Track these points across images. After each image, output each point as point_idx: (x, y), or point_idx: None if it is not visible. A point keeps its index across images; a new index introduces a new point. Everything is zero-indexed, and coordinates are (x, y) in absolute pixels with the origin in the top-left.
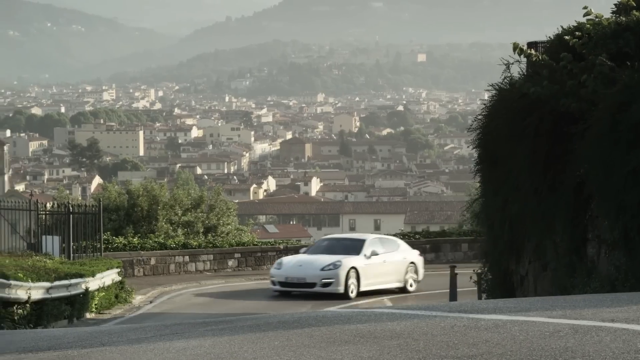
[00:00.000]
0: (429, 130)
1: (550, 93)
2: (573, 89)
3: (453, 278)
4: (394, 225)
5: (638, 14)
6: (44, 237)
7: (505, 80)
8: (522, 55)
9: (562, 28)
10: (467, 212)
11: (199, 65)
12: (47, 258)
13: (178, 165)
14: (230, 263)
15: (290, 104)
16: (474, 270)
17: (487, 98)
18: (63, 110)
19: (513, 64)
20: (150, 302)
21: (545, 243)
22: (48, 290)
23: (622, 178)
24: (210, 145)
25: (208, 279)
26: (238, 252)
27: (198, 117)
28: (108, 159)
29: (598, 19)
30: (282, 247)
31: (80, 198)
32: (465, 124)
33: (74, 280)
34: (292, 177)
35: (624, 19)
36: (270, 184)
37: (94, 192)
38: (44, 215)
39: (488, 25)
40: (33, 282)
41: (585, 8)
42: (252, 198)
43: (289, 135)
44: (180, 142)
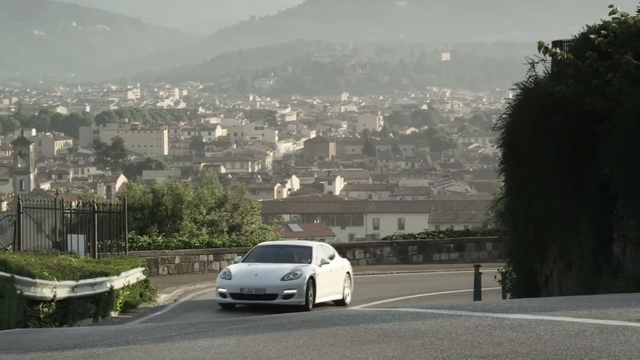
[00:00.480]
0: (453, 130)
1: (576, 92)
2: (598, 88)
3: (477, 277)
4: (418, 225)
5: None
6: (69, 235)
7: (530, 79)
8: (547, 54)
9: (587, 27)
10: (491, 211)
11: (223, 65)
12: (72, 257)
13: (202, 165)
14: None
15: (314, 103)
16: (499, 270)
17: (511, 97)
18: (88, 110)
19: (538, 63)
20: (175, 300)
21: (570, 242)
22: (73, 289)
23: None
24: (235, 145)
25: None
26: None
27: (222, 116)
28: (133, 158)
29: (624, 18)
30: None
31: (105, 197)
32: (490, 123)
33: (99, 279)
34: (316, 176)
35: None
36: (294, 183)
37: (119, 191)
38: (69, 214)
39: (512, 24)
40: (58, 280)
41: (611, 7)
42: (276, 197)
43: (313, 135)
44: (205, 141)
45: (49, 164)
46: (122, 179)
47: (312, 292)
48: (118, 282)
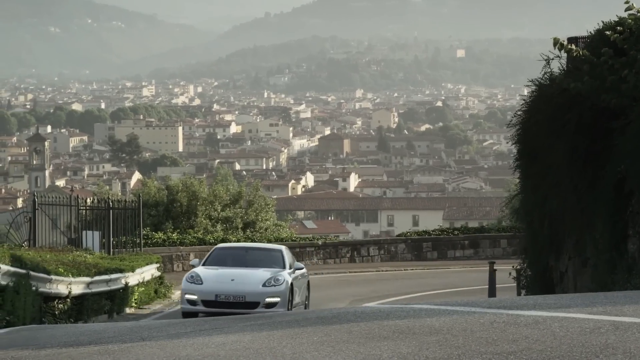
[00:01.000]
0: (468, 126)
1: (591, 88)
2: (614, 85)
3: (492, 274)
4: (433, 221)
5: None
6: (84, 232)
7: (545, 76)
8: (562, 51)
9: (603, 23)
10: (506, 208)
11: (238, 61)
12: (87, 253)
13: (217, 161)
14: None
15: (329, 100)
16: (513, 267)
17: (526, 94)
18: (103, 106)
19: (553, 60)
20: None
21: (585, 239)
22: (88, 285)
23: None
24: (249, 141)
25: None
26: None
27: (237, 112)
28: (147, 155)
29: None
30: (320, 242)
31: (120, 194)
32: (505, 120)
33: (114, 275)
34: (330, 172)
35: None
36: (309, 180)
37: (134, 187)
38: (84, 211)
39: (528, 21)
40: (73, 277)
41: (627, 3)
42: (290, 194)
43: (328, 131)
44: (219, 137)
45: (64, 161)
46: (137, 176)
47: (291, 301)
48: (133, 278)
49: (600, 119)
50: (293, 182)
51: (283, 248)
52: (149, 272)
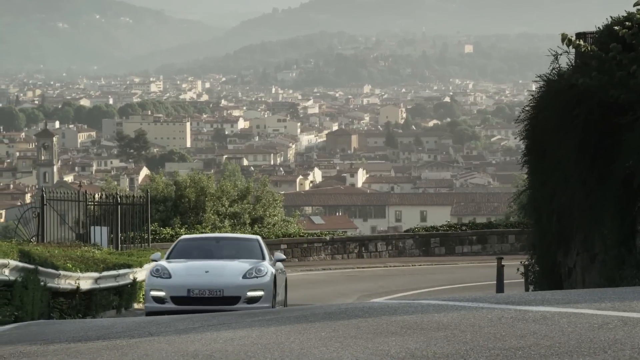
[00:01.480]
0: (476, 122)
1: (599, 84)
2: (622, 80)
3: (500, 270)
4: (440, 217)
5: None
6: (93, 227)
7: (554, 71)
8: (570, 46)
9: (611, 18)
10: (514, 203)
11: (246, 57)
12: (95, 248)
13: (225, 157)
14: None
15: (337, 96)
16: (521, 262)
17: (534, 89)
18: (111, 102)
19: (561, 55)
20: None
21: (594, 235)
22: (96, 281)
23: None
24: (257, 137)
25: None
26: (284, 243)
27: (244, 108)
28: (155, 150)
29: None
30: (328, 238)
31: (128, 189)
32: (512, 116)
33: (122, 271)
34: (338, 168)
35: None
36: (317, 175)
37: (142, 183)
38: (93, 206)
39: (536, 16)
40: (82, 272)
41: None
42: (298, 189)
43: (335, 127)
44: (227, 133)
45: (72, 156)
46: (144, 171)
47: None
48: (141, 274)
49: (609, 115)
50: (301, 177)
51: (259, 237)
52: None
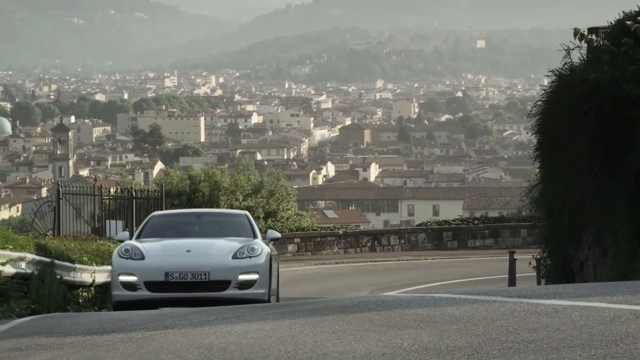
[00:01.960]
0: (488, 116)
1: (611, 78)
2: (634, 75)
3: (512, 263)
4: (453, 211)
5: None
6: (108, 221)
7: (566, 66)
8: (582, 41)
9: (623, 13)
10: (526, 197)
11: (260, 52)
12: (110, 242)
13: (238, 151)
14: (290, 248)
15: (350, 91)
16: (533, 256)
17: (546, 84)
18: (126, 97)
19: (573, 50)
20: None
21: (605, 229)
22: None
23: None
24: (270, 132)
25: None
26: (298, 237)
27: (258, 103)
28: (170, 145)
29: None
30: (341, 232)
31: (143, 183)
32: (524, 110)
33: None
34: (351, 162)
35: None
36: (330, 170)
37: (156, 177)
38: (108, 200)
39: (548, 11)
40: (97, 265)
41: None
42: (311, 184)
43: (348, 121)
44: (241, 128)
45: (88, 151)
46: (159, 166)
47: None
48: None
49: (621, 109)
50: (314, 172)
51: (247, 213)
52: None
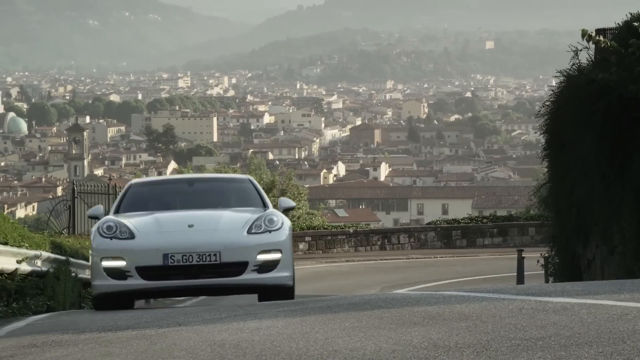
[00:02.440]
0: (497, 117)
1: (619, 79)
2: None
3: (520, 261)
4: (462, 210)
5: None
6: None
7: (574, 67)
8: (590, 42)
9: (630, 15)
10: (534, 196)
11: (271, 53)
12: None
13: (250, 151)
14: (301, 246)
15: (360, 91)
16: (541, 254)
17: (554, 84)
18: (140, 97)
19: (581, 51)
20: None
21: (613, 227)
22: None
23: None
24: (282, 131)
25: None
26: (309, 235)
27: (270, 103)
28: (183, 145)
29: None
30: (351, 230)
31: None
32: (533, 110)
33: None
34: (361, 162)
35: None
36: (340, 169)
37: None
38: None
39: (556, 12)
40: None
41: None
42: (322, 183)
43: (359, 122)
44: (253, 128)
45: (102, 150)
46: (172, 165)
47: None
48: None
49: (628, 109)
50: (325, 171)
51: (251, 178)
52: None
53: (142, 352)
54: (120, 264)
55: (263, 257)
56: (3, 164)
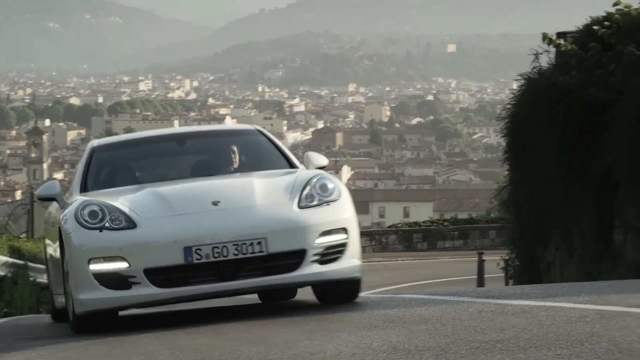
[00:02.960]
0: (458, 120)
1: (579, 82)
2: (601, 79)
3: (481, 264)
4: (423, 213)
5: None
6: None
7: (534, 70)
8: (551, 45)
9: (591, 18)
10: (495, 199)
11: (233, 56)
12: None
13: None
14: None
15: (322, 94)
16: (502, 257)
17: (515, 88)
18: (101, 100)
19: (542, 54)
20: None
21: (572, 230)
22: None
23: None
24: None
25: None
26: None
27: (232, 106)
28: None
29: (627, 9)
30: None
31: None
32: (494, 113)
33: None
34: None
35: None
36: None
37: None
38: None
39: (517, 16)
40: None
41: None
42: None
43: (321, 125)
44: None
45: (62, 154)
46: None
47: None
48: None
49: (588, 113)
50: None
51: (260, 127)
52: None
53: (100, 356)
54: (120, 267)
55: (325, 240)
56: None
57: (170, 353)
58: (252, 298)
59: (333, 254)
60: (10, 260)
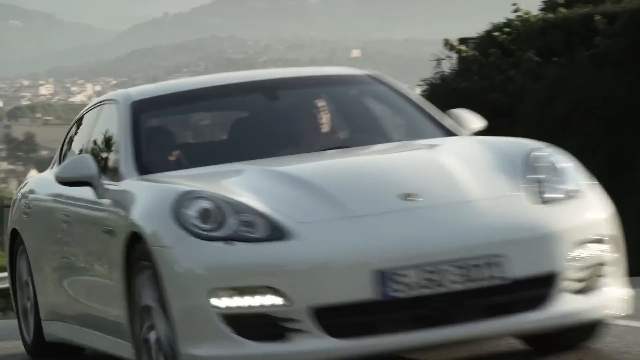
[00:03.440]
0: None
1: (480, 88)
2: (502, 84)
3: None
4: None
5: (564, 11)
6: None
7: (437, 76)
8: (452, 51)
9: (491, 24)
10: None
11: (136, 60)
12: None
13: None
14: None
15: None
16: None
17: (418, 93)
18: (0, 105)
19: (444, 60)
20: None
21: None
22: None
23: None
24: None
25: None
26: None
27: None
28: (45, 153)
29: (526, 16)
30: None
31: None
32: None
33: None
34: None
35: (551, 16)
36: None
37: None
38: None
39: (421, 21)
40: None
41: (515, 5)
42: None
43: None
44: None
45: None
46: (34, 173)
47: None
48: None
49: (490, 118)
50: None
51: (371, 72)
52: None
53: None
54: (270, 304)
55: (580, 256)
56: None
57: None
58: None
59: (591, 278)
60: None
